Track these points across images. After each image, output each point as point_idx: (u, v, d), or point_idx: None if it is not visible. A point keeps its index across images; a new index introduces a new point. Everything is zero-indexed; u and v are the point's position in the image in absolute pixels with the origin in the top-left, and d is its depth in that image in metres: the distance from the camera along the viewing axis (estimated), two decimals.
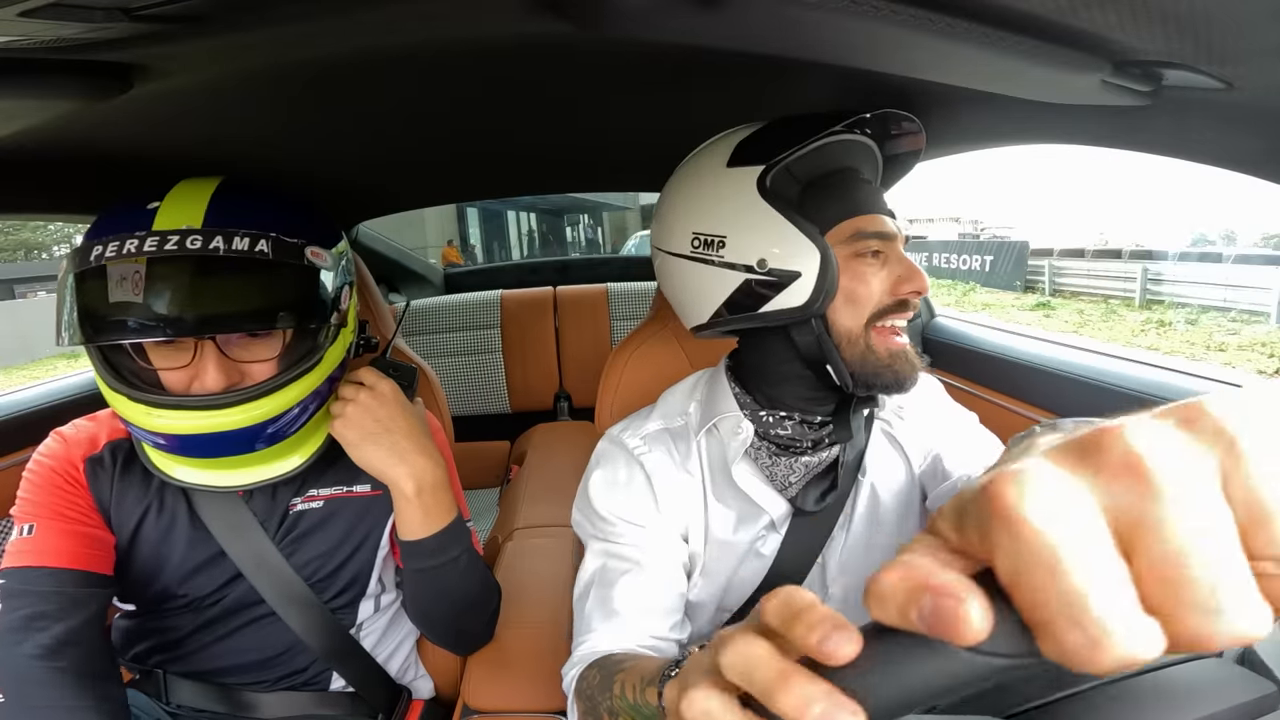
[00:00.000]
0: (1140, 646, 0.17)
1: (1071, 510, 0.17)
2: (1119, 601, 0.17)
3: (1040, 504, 0.17)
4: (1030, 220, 53.17)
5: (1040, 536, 0.17)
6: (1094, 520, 0.17)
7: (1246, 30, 0.36)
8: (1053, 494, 0.18)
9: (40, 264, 22.88)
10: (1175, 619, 0.17)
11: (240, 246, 0.58)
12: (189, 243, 0.57)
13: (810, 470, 0.65)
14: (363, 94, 0.63)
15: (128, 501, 0.70)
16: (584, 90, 0.67)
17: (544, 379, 1.90)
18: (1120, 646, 0.16)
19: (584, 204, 16.15)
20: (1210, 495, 0.17)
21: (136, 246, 0.56)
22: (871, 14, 0.37)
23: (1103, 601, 0.17)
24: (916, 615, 0.19)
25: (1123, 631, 0.16)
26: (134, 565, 0.70)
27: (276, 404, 0.62)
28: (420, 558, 0.70)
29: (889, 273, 0.61)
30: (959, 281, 15.60)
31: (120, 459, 0.71)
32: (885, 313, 0.61)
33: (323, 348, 0.66)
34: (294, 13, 0.40)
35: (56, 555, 0.65)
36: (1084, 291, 13.08)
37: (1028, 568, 0.17)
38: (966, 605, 0.18)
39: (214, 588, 0.72)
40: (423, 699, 0.86)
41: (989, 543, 0.19)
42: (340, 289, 0.69)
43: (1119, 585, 0.17)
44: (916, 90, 0.66)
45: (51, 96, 0.45)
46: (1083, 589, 0.17)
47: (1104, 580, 0.17)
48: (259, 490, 0.72)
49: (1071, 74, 0.43)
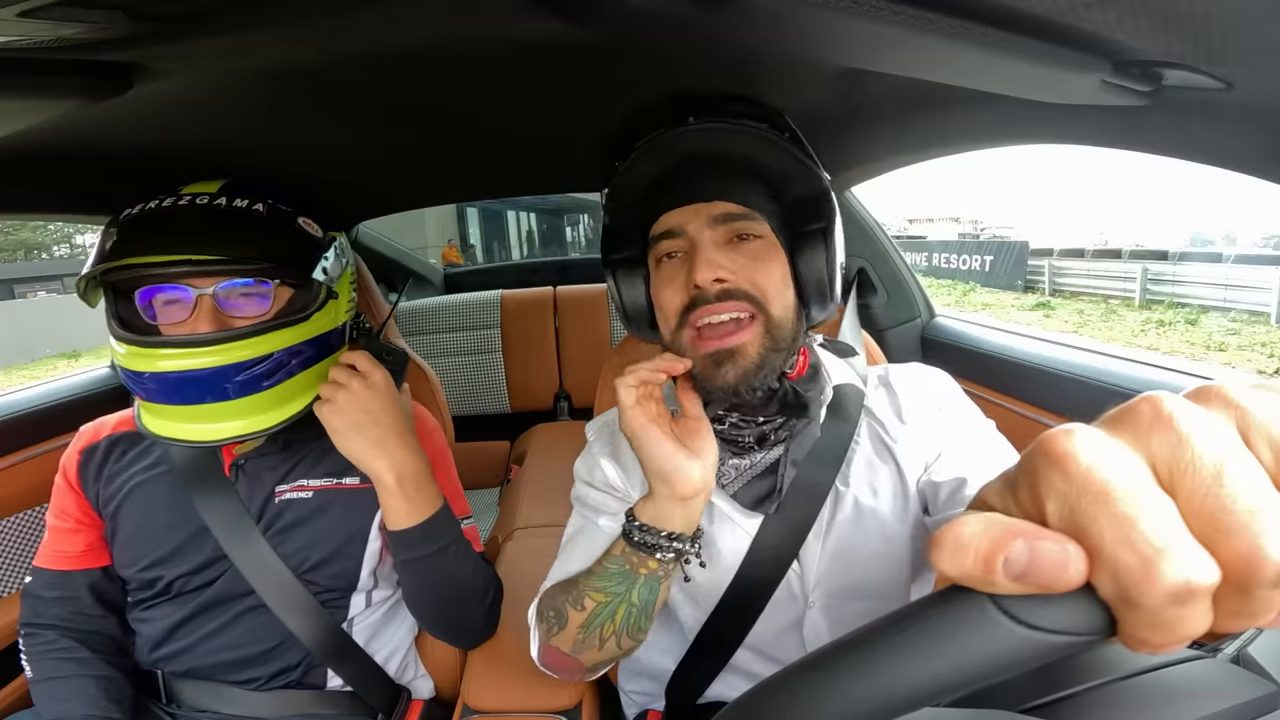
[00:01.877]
0: (1193, 569, 0.17)
1: (1117, 454, 0.19)
2: (1168, 523, 0.17)
3: (1088, 447, 0.19)
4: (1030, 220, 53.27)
5: (1091, 471, 0.18)
6: (1138, 463, 0.18)
7: (1246, 30, 0.36)
8: (1099, 441, 0.19)
9: (40, 264, 22.91)
10: (1223, 544, 0.17)
11: (240, 204, 0.68)
12: (198, 200, 0.67)
13: (741, 472, 0.64)
14: (362, 94, 0.63)
15: (116, 482, 0.76)
16: (584, 89, 0.67)
17: (544, 379, 1.90)
18: (1173, 566, 0.17)
19: (584, 204, 16.13)
20: (1235, 440, 0.18)
21: (158, 204, 0.66)
22: (871, 14, 0.37)
23: (1152, 521, 0.17)
24: (1003, 562, 0.19)
25: (1174, 550, 0.17)
26: (119, 540, 0.75)
27: (256, 348, 0.66)
28: (407, 548, 0.71)
29: (690, 269, 0.58)
30: (959, 281, 15.60)
31: (116, 447, 0.77)
32: (685, 313, 0.59)
33: (310, 309, 0.70)
34: (294, 13, 0.40)
35: (55, 559, 0.76)
36: (1084, 291, 13.09)
37: (1079, 499, 0.18)
38: (1066, 544, 0.18)
39: (198, 565, 0.73)
40: (422, 699, 0.86)
41: (1040, 491, 0.19)
42: (331, 263, 0.73)
43: (1167, 512, 0.18)
44: (917, 90, 0.66)
45: (51, 96, 0.45)
46: (1133, 512, 0.18)
47: (1152, 506, 0.18)
48: (244, 473, 0.76)
49: (1071, 74, 0.43)
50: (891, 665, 0.20)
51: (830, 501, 0.63)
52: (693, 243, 0.59)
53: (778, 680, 0.23)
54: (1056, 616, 0.18)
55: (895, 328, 1.38)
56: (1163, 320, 9.86)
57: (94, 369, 1.25)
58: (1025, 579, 0.18)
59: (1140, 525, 0.17)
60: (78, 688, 0.71)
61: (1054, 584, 0.18)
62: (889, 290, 1.37)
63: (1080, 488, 0.18)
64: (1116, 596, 0.18)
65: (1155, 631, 0.18)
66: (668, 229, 0.60)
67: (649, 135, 0.59)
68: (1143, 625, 0.18)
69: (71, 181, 0.76)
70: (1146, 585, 0.17)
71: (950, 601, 0.20)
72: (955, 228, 40.87)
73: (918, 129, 0.82)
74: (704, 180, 0.60)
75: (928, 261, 17.33)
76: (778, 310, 0.58)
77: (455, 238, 12.36)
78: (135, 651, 0.78)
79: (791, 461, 0.62)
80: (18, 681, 0.94)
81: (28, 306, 15.27)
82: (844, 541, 0.63)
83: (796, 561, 0.63)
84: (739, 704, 0.25)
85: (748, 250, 0.59)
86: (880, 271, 1.36)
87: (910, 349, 1.39)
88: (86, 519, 0.77)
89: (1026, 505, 0.20)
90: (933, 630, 0.20)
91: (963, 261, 16.05)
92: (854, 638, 0.22)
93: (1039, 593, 0.19)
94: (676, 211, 0.60)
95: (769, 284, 0.58)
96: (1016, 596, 0.19)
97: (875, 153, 0.97)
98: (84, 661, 0.73)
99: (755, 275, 0.58)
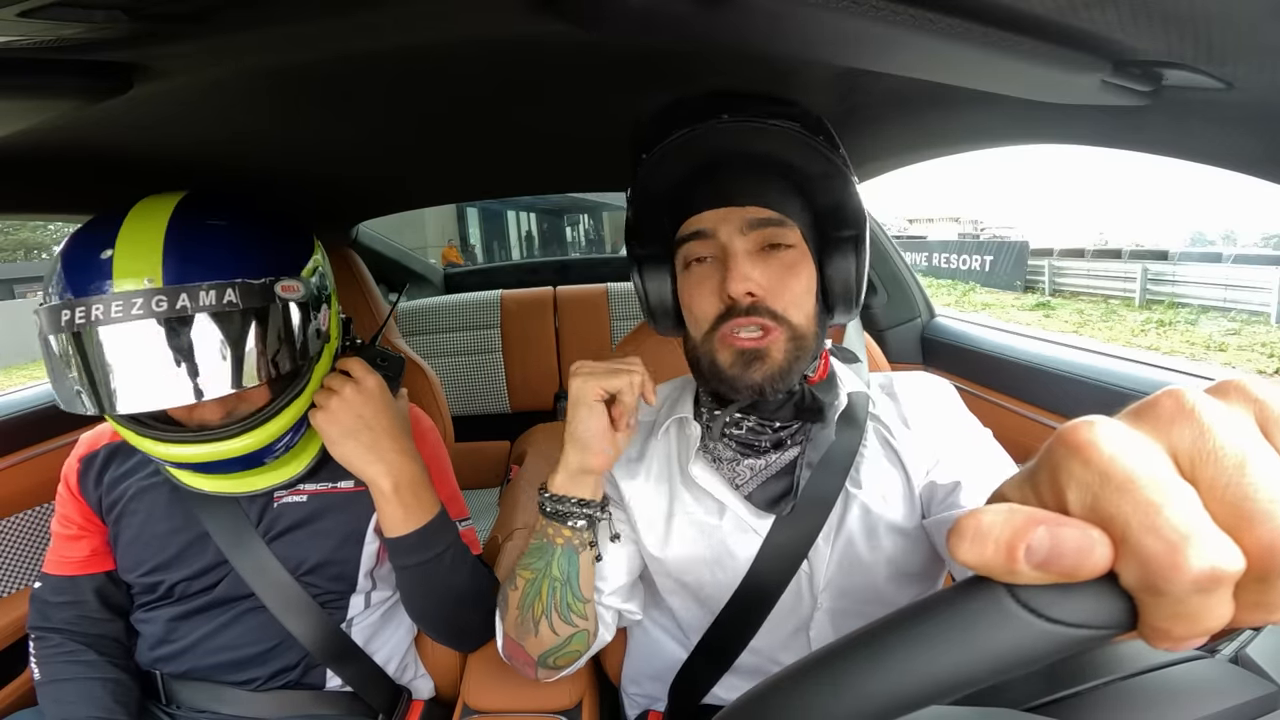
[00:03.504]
0: (1219, 555, 0.17)
1: (1139, 443, 0.19)
2: (1193, 510, 0.17)
3: (1110, 437, 0.19)
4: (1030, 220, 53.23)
5: (1113, 460, 0.18)
6: (1160, 452, 0.18)
7: (1246, 30, 0.36)
8: (1122, 432, 0.19)
9: (40, 264, 22.88)
10: (1246, 532, 0.17)
11: (207, 302, 0.57)
12: (155, 304, 0.56)
13: (756, 472, 0.64)
14: (362, 94, 0.63)
15: (118, 488, 0.75)
16: (584, 89, 0.67)
17: (544, 379, 1.90)
18: (1199, 551, 0.17)
19: (584, 204, 16.14)
20: (1256, 433, 0.18)
21: (103, 313, 0.56)
22: (871, 14, 0.37)
23: (1177, 508, 0.17)
24: (1026, 550, 0.18)
25: (1200, 536, 0.17)
26: (121, 545, 0.75)
27: (273, 429, 0.67)
28: (404, 554, 0.71)
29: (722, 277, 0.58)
30: (959, 281, 15.60)
31: (117, 455, 0.77)
32: (719, 321, 0.59)
33: (310, 369, 0.69)
34: (294, 13, 0.40)
35: (60, 565, 0.77)
36: (1084, 291, 13.09)
37: (1102, 488, 0.18)
38: (1089, 529, 0.18)
39: (199, 570, 0.73)
40: (423, 699, 0.86)
41: (1060, 481, 0.19)
42: (319, 308, 0.69)
43: (1191, 499, 0.18)
44: (917, 90, 0.66)
45: (51, 96, 0.45)
46: (1157, 499, 0.17)
47: (1176, 493, 0.18)
48: None
49: (1071, 74, 0.43)
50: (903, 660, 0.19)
51: (840, 504, 0.63)
52: (724, 249, 0.58)
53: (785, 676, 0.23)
54: (1076, 609, 0.18)
55: (895, 328, 1.38)
56: (1163, 320, 9.86)
57: None
58: (1048, 566, 0.18)
59: (1166, 512, 0.17)
60: (84, 690, 0.71)
61: (1077, 570, 0.18)
62: (889, 290, 1.37)
63: (1103, 476, 0.18)
64: (1141, 585, 0.18)
65: (1178, 622, 0.18)
66: (698, 230, 0.59)
67: (680, 130, 0.58)
68: (1166, 615, 0.18)
69: (68, 181, 0.76)
70: (1174, 571, 0.17)
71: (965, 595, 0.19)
72: (955, 228, 40.88)
73: (918, 129, 0.82)
74: (736, 180, 0.59)
75: (928, 261, 17.32)
76: (800, 320, 0.59)
77: (455, 238, 12.36)
78: (135, 652, 0.78)
79: (807, 464, 0.63)
80: (20, 680, 0.94)
81: (28, 306, 15.26)
82: (853, 544, 0.63)
83: (806, 563, 0.63)
84: (743, 703, 0.25)
85: (778, 261, 0.59)
86: (880, 271, 1.36)
87: (910, 349, 1.39)
88: (90, 525, 0.77)
89: (1046, 496, 0.20)
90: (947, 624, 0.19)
91: (962, 261, 16.05)
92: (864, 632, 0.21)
93: (1062, 581, 0.18)
94: (708, 214, 0.59)
95: (795, 297, 0.58)
96: (1035, 589, 0.19)
97: (875, 153, 0.97)
98: (90, 664, 0.74)
99: (784, 289, 0.58)
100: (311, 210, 1.20)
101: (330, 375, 0.70)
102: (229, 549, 0.73)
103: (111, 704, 0.71)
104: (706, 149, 0.59)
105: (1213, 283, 10.70)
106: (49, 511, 1.02)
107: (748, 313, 0.57)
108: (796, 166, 0.59)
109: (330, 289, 0.74)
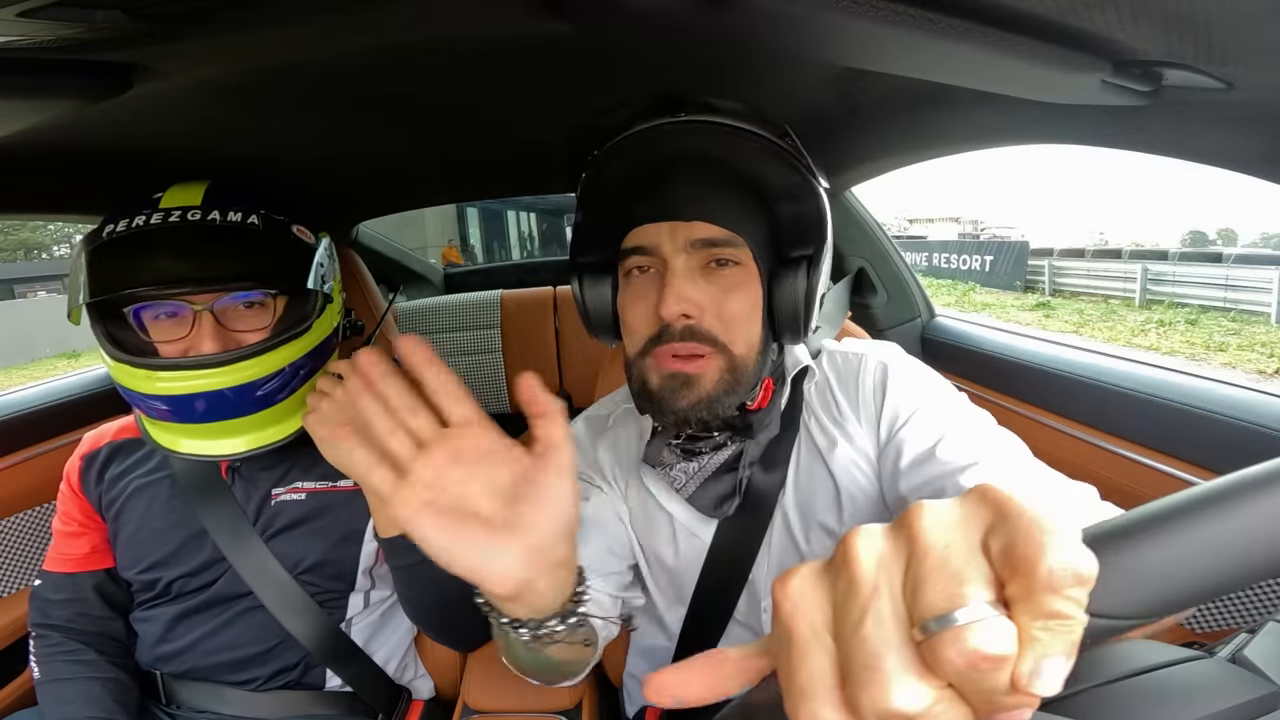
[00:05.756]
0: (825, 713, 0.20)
1: (810, 600, 0.21)
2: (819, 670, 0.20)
3: (790, 596, 0.22)
4: (1030, 220, 53.22)
5: (788, 624, 0.21)
6: (820, 608, 0.21)
7: (1246, 30, 0.36)
8: (808, 582, 0.22)
9: (40, 264, 22.90)
10: (860, 694, 0.19)
11: (234, 218, 0.65)
12: (189, 215, 0.63)
13: (691, 476, 0.62)
14: (362, 94, 0.63)
15: (117, 486, 0.76)
16: (584, 88, 0.67)
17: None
18: (807, 711, 0.20)
19: None
20: (883, 579, 0.20)
21: (144, 220, 0.63)
22: (872, 14, 0.37)
23: (808, 668, 0.20)
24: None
25: (818, 696, 0.20)
26: (120, 541, 0.76)
27: (267, 365, 0.65)
28: (398, 555, 0.70)
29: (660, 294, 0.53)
30: (959, 281, 15.59)
31: (118, 453, 0.78)
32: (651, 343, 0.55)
33: (310, 317, 0.70)
34: (294, 13, 0.40)
35: (60, 561, 0.77)
36: (1084, 291, 13.08)
37: (776, 645, 0.22)
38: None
39: (197, 566, 0.74)
40: (422, 699, 0.86)
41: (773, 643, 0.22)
42: (325, 269, 0.73)
43: (821, 659, 0.20)
44: (917, 90, 0.66)
45: (51, 96, 0.45)
46: (796, 661, 0.21)
47: (814, 653, 0.20)
48: (240, 476, 0.76)
49: (1071, 74, 0.43)
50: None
51: (779, 504, 0.62)
52: (665, 265, 0.54)
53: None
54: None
55: (895, 328, 1.38)
56: (1163, 320, 9.85)
57: (95, 369, 1.25)
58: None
59: (798, 675, 0.20)
60: (83, 689, 0.71)
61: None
62: (889, 290, 1.37)
63: (780, 638, 0.21)
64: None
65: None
66: (640, 245, 0.55)
67: (630, 128, 0.54)
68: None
69: (66, 180, 0.76)
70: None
71: None
72: (955, 228, 40.89)
73: (918, 129, 0.82)
74: (686, 191, 0.54)
75: (928, 261, 17.31)
76: (740, 349, 0.55)
77: (455, 238, 12.35)
78: (136, 652, 0.78)
79: (750, 462, 0.60)
80: (20, 680, 0.94)
81: (28, 306, 15.27)
82: (785, 553, 0.62)
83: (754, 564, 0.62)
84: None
85: (721, 280, 0.55)
86: (880, 271, 1.36)
87: (910, 349, 1.38)
88: (90, 522, 0.77)
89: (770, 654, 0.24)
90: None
91: (963, 261, 16.03)
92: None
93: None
94: (651, 227, 0.55)
95: (735, 319, 0.55)
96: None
97: (875, 153, 0.97)
98: (90, 664, 0.74)
99: (723, 309, 0.54)
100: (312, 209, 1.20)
101: (322, 378, 0.70)
102: (227, 546, 0.73)
103: (111, 704, 0.71)
104: (658, 150, 0.55)
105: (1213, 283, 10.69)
106: (50, 511, 1.02)
107: (682, 336, 0.53)
108: (755, 176, 0.55)
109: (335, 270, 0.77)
